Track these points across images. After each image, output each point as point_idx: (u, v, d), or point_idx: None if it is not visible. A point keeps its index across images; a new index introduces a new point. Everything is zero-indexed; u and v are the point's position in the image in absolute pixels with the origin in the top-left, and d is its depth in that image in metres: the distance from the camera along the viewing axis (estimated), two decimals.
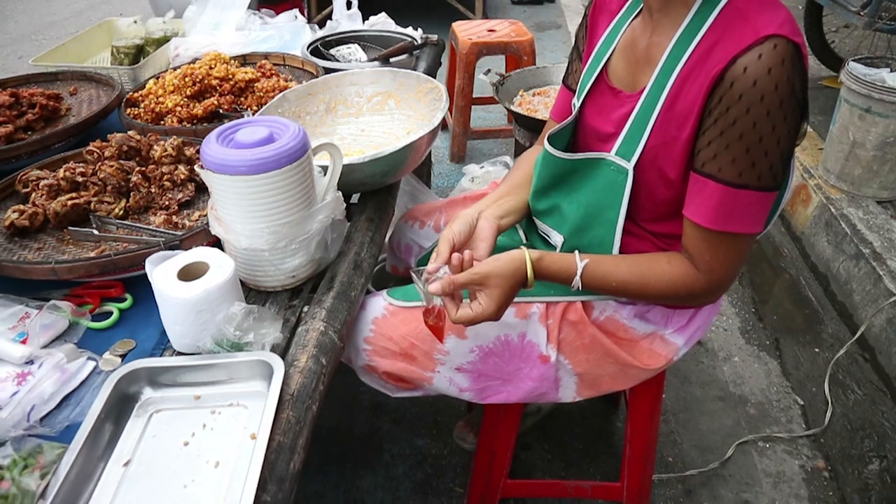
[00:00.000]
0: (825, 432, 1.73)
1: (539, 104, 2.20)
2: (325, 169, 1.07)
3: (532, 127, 2.07)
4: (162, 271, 0.90)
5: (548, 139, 1.07)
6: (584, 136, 1.09)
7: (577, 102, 1.11)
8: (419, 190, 1.88)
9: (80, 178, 1.18)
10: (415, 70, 1.66)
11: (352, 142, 1.43)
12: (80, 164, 1.21)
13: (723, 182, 0.88)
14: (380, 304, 1.15)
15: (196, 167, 0.96)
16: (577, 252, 0.99)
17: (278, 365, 0.84)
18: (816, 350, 1.96)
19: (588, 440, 1.74)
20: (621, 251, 1.02)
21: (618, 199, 0.99)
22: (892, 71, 2.11)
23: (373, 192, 1.30)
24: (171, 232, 1.09)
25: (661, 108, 0.93)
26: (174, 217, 1.14)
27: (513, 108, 2.16)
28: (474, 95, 2.92)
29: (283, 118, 1.00)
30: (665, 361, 1.12)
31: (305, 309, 1.00)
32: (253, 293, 1.03)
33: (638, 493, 1.47)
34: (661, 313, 1.11)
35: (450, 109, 3.04)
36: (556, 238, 1.09)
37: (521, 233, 1.25)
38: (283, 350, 0.92)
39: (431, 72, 1.77)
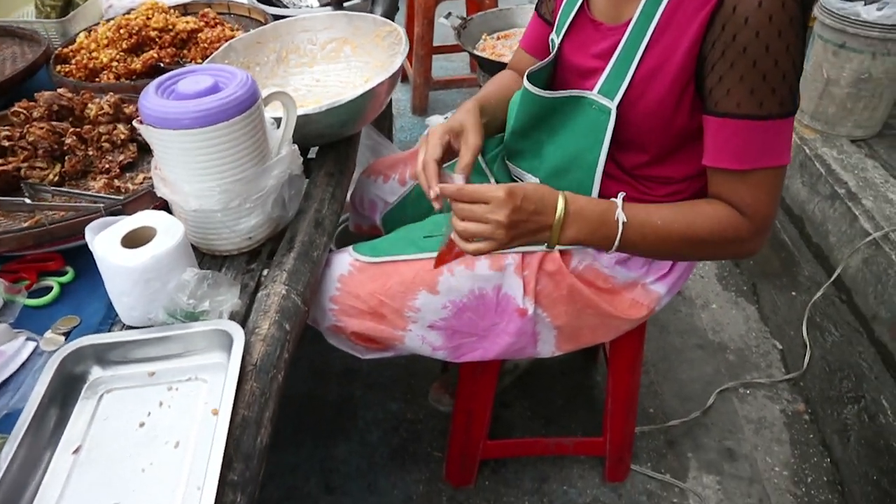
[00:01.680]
0: (804, 375, 1.76)
1: (504, 48, 2.15)
2: (278, 121, 1.03)
3: (498, 68, 2.02)
4: (104, 239, 0.85)
5: (527, 76, 1.05)
6: (564, 73, 1.07)
7: (555, 38, 1.09)
8: (381, 144, 1.84)
9: (5, 143, 1.10)
10: (371, 14, 1.60)
11: (307, 93, 1.39)
12: (6, 128, 1.13)
13: (744, 117, 0.86)
14: (345, 260, 1.13)
15: (135, 122, 0.91)
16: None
17: (238, 334, 0.81)
18: (794, 293, 1.98)
19: (568, 396, 1.74)
20: (600, 195, 1.00)
21: (598, 141, 0.98)
22: (866, 4, 2.09)
23: (331, 144, 1.27)
24: (113, 197, 1.04)
25: (649, 41, 0.91)
26: (116, 181, 1.08)
27: (476, 52, 2.10)
28: (435, 44, 2.85)
29: (225, 65, 0.97)
30: (647, 311, 1.12)
31: (265, 272, 0.98)
32: (207, 258, 1.00)
33: (620, 447, 1.48)
34: (642, 261, 1.10)
35: (409, 59, 2.96)
36: (531, 181, 1.06)
37: (490, 177, 1.23)
38: (242, 318, 0.90)
39: (389, 16, 1.71)
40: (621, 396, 1.40)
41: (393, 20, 1.62)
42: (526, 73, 1.06)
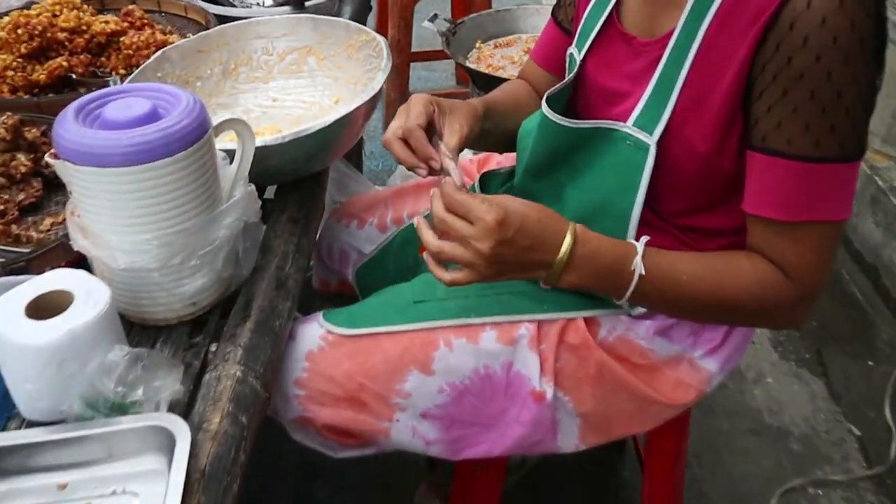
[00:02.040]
0: (891, 471, 1.77)
1: (504, 60, 2.20)
2: (230, 155, 1.04)
3: (495, 83, 2.06)
4: (2, 307, 0.84)
5: (546, 100, 1.07)
6: (587, 96, 1.10)
7: (576, 52, 1.11)
8: (349, 176, 1.85)
9: None
10: (338, 16, 1.63)
11: (261, 116, 1.41)
12: None
13: (795, 157, 0.87)
14: (314, 332, 1.13)
15: (47, 157, 0.91)
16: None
17: (181, 430, 0.80)
18: (870, 363, 2.01)
19: (588, 499, 1.73)
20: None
21: (634, 185, 1.00)
22: None
23: (295, 182, 1.29)
24: (11, 249, 1.03)
25: (693, 61, 0.93)
26: (14, 227, 1.09)
27: (469, 64, 2.14)
28: (413, 49, 2.91)
29: (166, 85, 0.99)
30: (695, 394, 1.13)
31: (213, 348, 0.98)
32: (138, 330, 1.00)
33: None
34: (688, 330, 1.12)
35: None
36: None
37: None
38: (185, 409, 0.89)
39: (360, 17, 1.75)
40: (660, 500, 1.39)
41: (364, 22, 1.66)
42: (545, 97, 1.08)
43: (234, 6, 1.76)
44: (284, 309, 1.05)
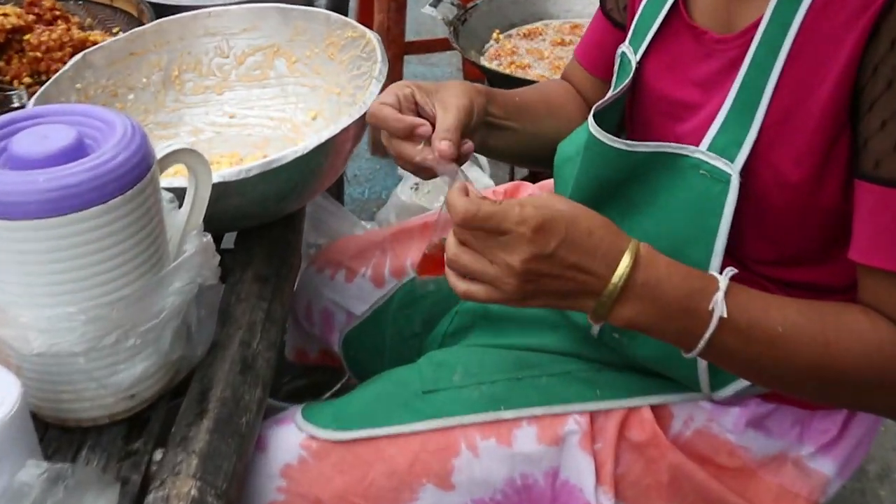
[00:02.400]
0: None
1: (530, 55, 2.19)
2: (178, 195, 1.04)
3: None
4: None
5: (593, 116, 1.06)
6: (645, 110, 1.10)
7: (630, 52, 1.11)
8: (326, 210, 1.86)
9: None
10: (312, 5, 1.63)
11: (215, 138, 1.41)
12: None
13: None
14: (292, 438, 1.12)
15: None
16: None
17: None
18: None
19: None
20: None
21: (710, 228, 0.98)
22: None
23: (261, 228, 1.28)
24: None
25: (785, 61, 0.93)
26: None
27: (485, 62, 2.14)
28: (408, 38, 2.92)
29: (95, 106, 0.98)
30: None
31: (159, 457, 0.96)
32: (56, 434, 0.99)
33: None
34: (792, 418, 1.10)
35: None
36: None
37: None
38: None
39: (340, 6, 1.74)
40: None
41: (346, 11, 1.66)
42: (592, 111, 1.07)
43: None
44: (253, 400, 1.04)
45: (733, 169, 0.95)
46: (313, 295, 1.45)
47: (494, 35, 2.27)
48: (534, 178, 1.98)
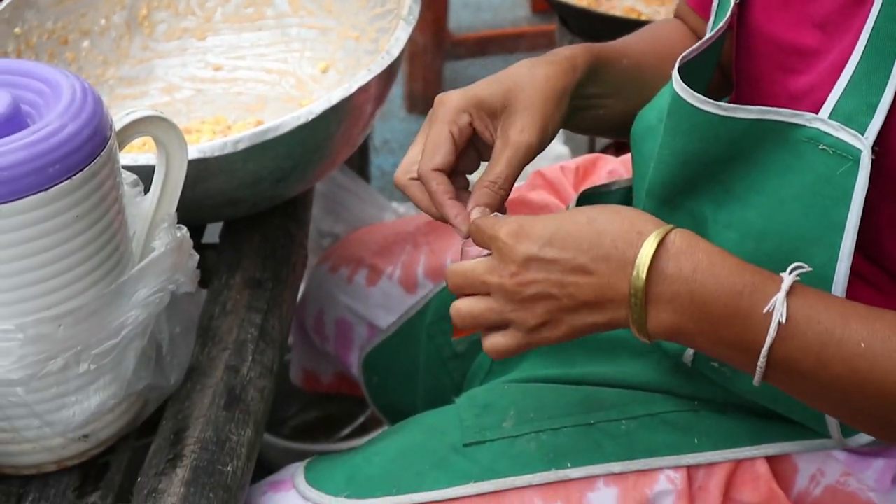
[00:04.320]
0: None
1: None
2: (146, 177, 1.05)
3: (606, 29, 2.05)
4: None
5: (678, 69, 1.05)
6: (750, 62, 1.09)
7: None
8: (347, 190, 1.86)
9: None
10: None
11: (195, 98, 1.42)
12: None
13: None
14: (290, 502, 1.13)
15: None
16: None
17: None
18: None
19: None
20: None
21: (837, 221, 0.96)
22: None
23: (255, 217, 1.29)
24: None
25: None
26: None
27: None
28: None
29: (35, 63, 0.99)
30: None
31: None
32: None
33: None
34: None
35: None
36: None
37: None
38: None
39: None
40: None
41: None
42: (677, 63, 1.05)
43: None
44: (242, 442, 1.05)
45: (864, 143, 0.93)
46: (326, 302, 1.45)
47: None
48: (618, 148, 1.98)
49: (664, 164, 1.09)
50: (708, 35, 1.09)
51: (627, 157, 1.41)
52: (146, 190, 1.04)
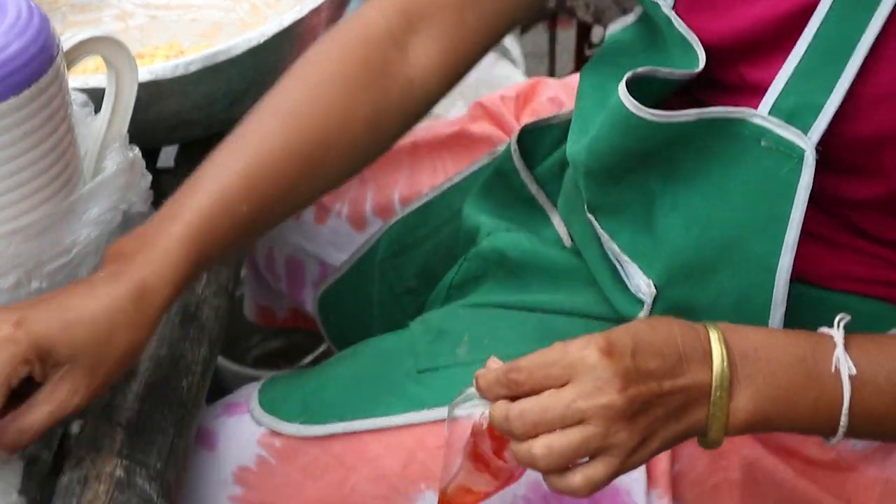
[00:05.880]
0: None
1: None
2: (95, 97, 1.06)
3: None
4: None
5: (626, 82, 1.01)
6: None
7: None
8: None
9: None
10: None
11: (150, 26, 1.41)
12: None
13: None
14: (247, 433, 1.13)
15: None
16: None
17: None
18: None
19: None
20: (796, 269, 1.00)
21: (780, 213, 0.97)
22: None
23: (209, 139, 1.25)
24: None
25: None
26: None
27: None
28: None
29: None
30: None
31: (76, 429, 0.99)
32: None
33: None
34: None
35: None
36: (640, 284, 1.08)
37: (557, 225, 1.26)
38: None
39: None
40: None
41: None
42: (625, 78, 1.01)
43: None
44: (197, 360, 1.06)
45: (807, 143, 0.94)
46: (275, 240, 1.43)
47: None
48: None
49: (601, 155, 1.08)
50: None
51: (568, 80, 1.41)
52: (97, 110, 1.04)
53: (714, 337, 0.89)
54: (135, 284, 0.91)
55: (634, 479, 1.06)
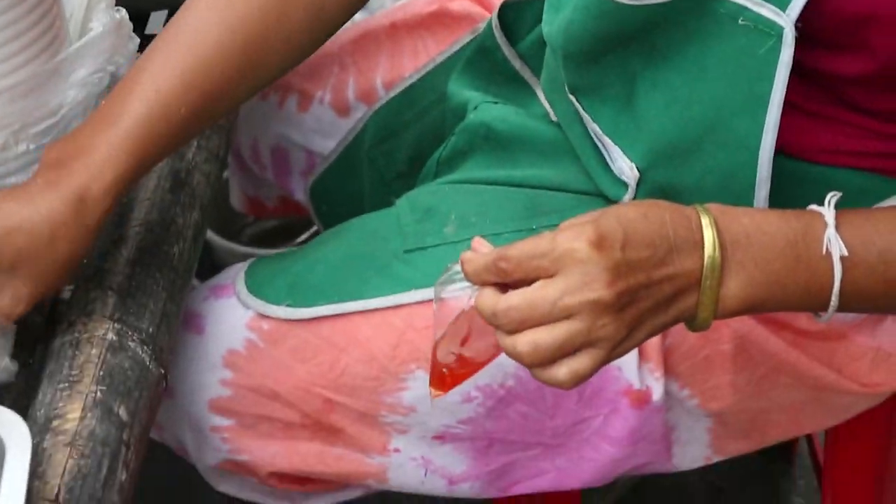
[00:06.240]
0: None
1: None
2: None
3: None
4: None
5: None
6: None
7: None
8: None
9: None
10: None
11: None
12: None
13: None
14: (235, 317, 1.14)
15: None
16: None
17: (16, 433, 0.81)
18: None
19: None
20: (780, 142, 0.99)
21: (760, 93, 0.96)
22: None
23: None
24: None
25: None
26: None
27: None
28: None
29: None
30: None
31: (67, 294, 0.99)
32: None
33: None
34: None
35: None
36: (623, 167, 1.07)
37: (540, 101, 1.25)
38: (23, 397, 0.92)
39: None
40: None
41: None
42: None
43: None
44: (188, 225, 1.06)
45: (786, 20, 0.92)
46: (259, 130, 1.44)
47: None
48: None
49: (578, 38, 1.08)
50: None
51: None
52: None
53: (705, 222, 0.88)
54: (74, 193, 0.91)
55: (628, 356, 1.05)
